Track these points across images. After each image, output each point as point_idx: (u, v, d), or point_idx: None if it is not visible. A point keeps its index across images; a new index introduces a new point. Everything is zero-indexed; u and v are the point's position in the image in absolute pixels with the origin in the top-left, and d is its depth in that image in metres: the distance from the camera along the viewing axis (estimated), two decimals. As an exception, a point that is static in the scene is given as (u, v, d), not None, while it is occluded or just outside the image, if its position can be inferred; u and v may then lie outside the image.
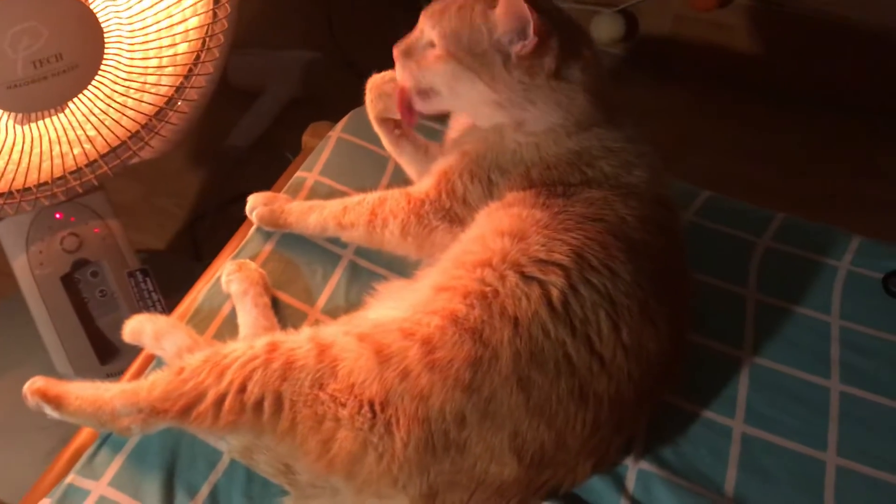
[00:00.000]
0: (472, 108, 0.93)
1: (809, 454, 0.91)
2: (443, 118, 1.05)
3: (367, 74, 1.06)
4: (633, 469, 0.88)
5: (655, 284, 0.84)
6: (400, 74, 0.94)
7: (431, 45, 0.91)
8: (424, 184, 0.96)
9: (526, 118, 0.90)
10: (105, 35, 1.03)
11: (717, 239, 1.13)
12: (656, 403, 0.91)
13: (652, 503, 0.86)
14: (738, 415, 0.94)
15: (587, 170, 0.90)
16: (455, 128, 1.00)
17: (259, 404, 0.78)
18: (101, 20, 1.01)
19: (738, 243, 1.13)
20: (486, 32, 0.88)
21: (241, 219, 1.15)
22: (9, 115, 1.02)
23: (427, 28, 0.91)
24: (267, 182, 1.22)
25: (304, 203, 1.04)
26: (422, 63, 0.91)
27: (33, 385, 0.83)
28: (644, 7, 2.24)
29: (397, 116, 1.00)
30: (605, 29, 2.26)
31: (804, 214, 1.21)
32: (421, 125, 1.08)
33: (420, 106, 0.94)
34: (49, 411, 0.83)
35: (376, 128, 1.07)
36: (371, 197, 0.98)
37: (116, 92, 1.10)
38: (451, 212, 0.94)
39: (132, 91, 1.12)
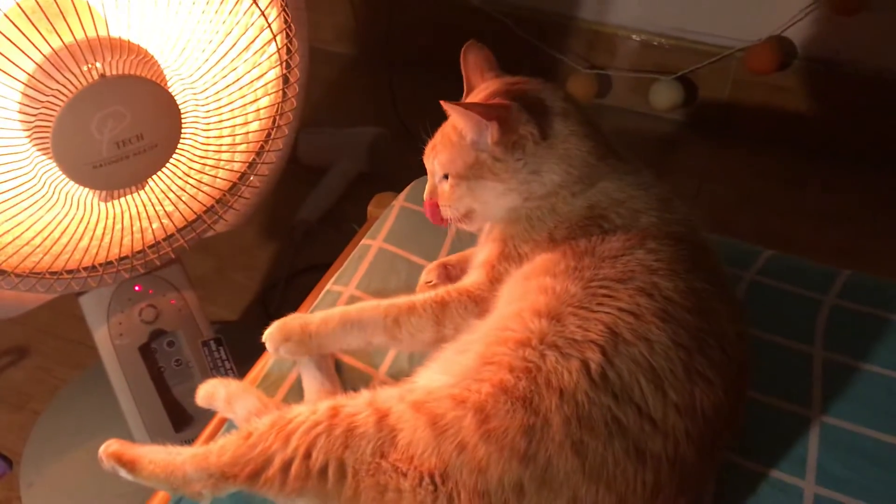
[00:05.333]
0: (498, 205, 0.98)
1: (888, 516, 0.88)
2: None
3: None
4: (703, 531, 0.86)
5: (699, 337, 0.84)
6: (445, 216, 1.02)
7: (445, 177, 1.00)
8: (475, 278, 0.98)
9: (533, 188, 0.95)
10: (182, 115, 1.09)
11: (781, 297, 1.12)
12: (721, 461, 0.89)
13: (722, 566, 0.84)
14: (808, 476, 0.91)
15: (602, 223, 0.93)
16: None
17: (324, 471, 0.80)
18: (178, 102, 1.08)
19: (802, 301, 1.12)
20: (466, 144, 0.96)
21: (310, 288, 1.19)
22: (93, 193, 1.09)
23: (431, 169, 1.02)
24: (335, 253, 1.26)
25: (328, 318, 0.97)
26: (445, 198, 1.00)
27: (108, 448, 0.86)
28: (702, 73, 2.26)
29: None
30: (663, 96, 2.29)
31: (874, 273, 1.19)
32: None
33: (471, 227, 1.02)
34: (123, 474, 0.86)
35: None
36: (423, 303, 0.95)
37: (193, 169, 1.16)
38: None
39: (208, 168, 1.18)
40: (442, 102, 0.94)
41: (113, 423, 1.35)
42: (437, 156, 0.99)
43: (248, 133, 1.20)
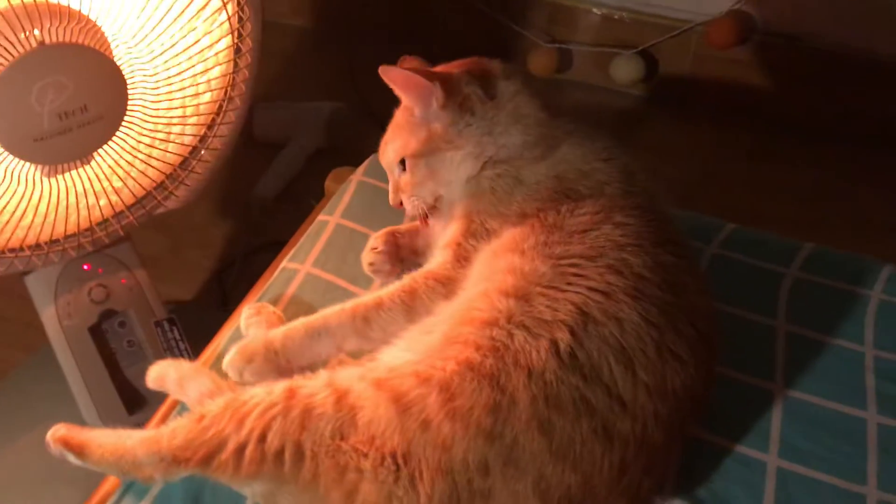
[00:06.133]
0: (458, 177, 0.97)
1: (849, 488, 0.88)
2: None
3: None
4: (666, 508, 0.86)
5: (670, 312, 0.83)
6: (411, 211, 1.01)
7: (402, 168, 0.98)
8: (441, 258, 0.95)
9: (488, 151, 0.95)
10: (129, 86, 1.05)
11: (744, 271, 1.12)
12: (688, 439, 0.88)
13: (686, 542, 0.83)
14: (772, 448, 0.91)
15: (570, 193, 0.92)
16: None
17: (280, 454, 0.77)
18: (124, 71, 1.04)
19: (765, 274, 1.11)
20: (416, 120, 0.96)
21: (267, 266, 1.16)
22: (36, 168, 1.04)
23: (388, 163, 1.01)
24: (293, 230, 1.23)
25: (291, 330, 0.92)
26: (407, 187, 0.99)
27: (56, 433, 0.83)
28: (663, 47, 2.25)
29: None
30: (624, 70, 2.28)
31: (835, 246, 1.19)
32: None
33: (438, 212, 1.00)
34: (72, 459, 0.83)
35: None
36: (391, 295, 0.91)
37: (141, 143, 1.12)
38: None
39: (157, 141, 1.14)
40: (381, 68, 0.92)
41: (63, 406, 1.31)
42: (392, 145, 0.99)
43: (199, 105, 1.16)
